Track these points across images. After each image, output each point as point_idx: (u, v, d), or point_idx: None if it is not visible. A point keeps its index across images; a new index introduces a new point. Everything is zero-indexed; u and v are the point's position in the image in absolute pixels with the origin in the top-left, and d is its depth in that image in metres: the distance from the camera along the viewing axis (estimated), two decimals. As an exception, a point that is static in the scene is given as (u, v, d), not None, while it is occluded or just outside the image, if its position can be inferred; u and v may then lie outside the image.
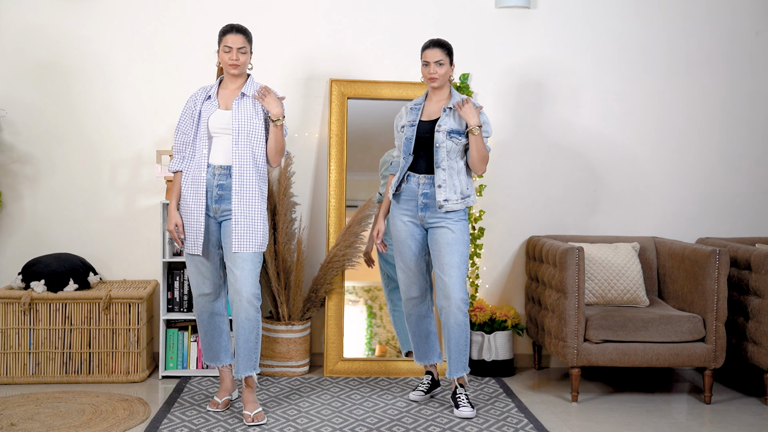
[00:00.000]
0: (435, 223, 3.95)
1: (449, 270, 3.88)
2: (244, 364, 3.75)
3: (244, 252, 3.71)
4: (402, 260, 4.06)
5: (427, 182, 3.95)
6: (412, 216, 4.00)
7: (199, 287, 3.87)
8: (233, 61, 3.74)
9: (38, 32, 4.67)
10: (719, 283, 4.10)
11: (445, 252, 3.90)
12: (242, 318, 3.71)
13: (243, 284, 3.69)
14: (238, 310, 3.71)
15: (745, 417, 3.99)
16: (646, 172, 4.93)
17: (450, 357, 3.95)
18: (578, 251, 4.11)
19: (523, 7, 4.82)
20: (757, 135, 4.98)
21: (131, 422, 3.74)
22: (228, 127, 3.75)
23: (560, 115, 4.88)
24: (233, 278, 3.72)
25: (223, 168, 3.76)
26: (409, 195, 3.99)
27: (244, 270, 3.70)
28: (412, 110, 4.04)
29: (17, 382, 4.34)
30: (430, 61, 3.94)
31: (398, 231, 4.03)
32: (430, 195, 3.94)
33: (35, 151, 4.69)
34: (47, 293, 4.34)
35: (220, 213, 3.79)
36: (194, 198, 3.75)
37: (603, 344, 4.12)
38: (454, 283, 3.87)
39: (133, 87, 4.72)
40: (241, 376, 3.76)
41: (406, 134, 3.98)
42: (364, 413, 3.91)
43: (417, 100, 4.07)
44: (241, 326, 3.72)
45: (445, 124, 3.92)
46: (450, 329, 3.91)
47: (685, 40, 4.92)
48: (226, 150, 3.76)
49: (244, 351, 3.74)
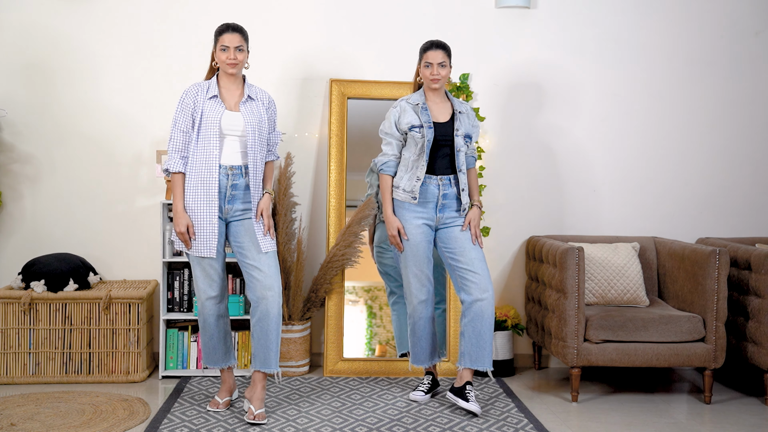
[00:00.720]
0: (450, 222, 4.01)
1: (479, 264, 3.96)
2: (273, 359, 3.78)
3: (271, 251, 3.78)
4: (417, 264, 4.04)
5: (446, 183, 3.98)
6: (429, 218, 4.01)
7: (206, 291, 3.82)
8: (231, 60, 3.73)
9: (38, 32, 4.67)
10: (719, 283, 4.10)
11: (469, 247, 3.97)
12: (275, 313, 3.74)
13: (275, 280, 3.75)
14: (271, 305, 3.73)
15: (745, 417, 3.99)
16: (647, 172, 4.93)
17: (483, 349, 3.93)
18: (578, 251, 4.11)
19: (523, 7, 4.82)
20: (757, 135, 4.98)
21: (131, 422, 3.74)
22: (239, 129, 3.75)
23: (560, 114, 4.89)
24: (262, 276, 3.74)
25: (235, 168, 3.76)
26: (428, 197, 3.99)
27: (272, 267, 3.77)
28: (422, 110, 4.00)
29: (17, 382, 4.34)
30: (433, 63, 3.95)
31: (413, 235, 4.01)
32: (449, 196, 3.98)
33: (35, 151, 4.70)
34: (47, 293, 4.34)
35: (231, 214, 3.79)
36: (206, 199, 3.72)
37: (603, 344, 4.12)
38: (487, 276, 3.96)
39: (134, 87, 4.72)
40: (269, 371, 3.78)
41: (426, 136, 3.95)
42: (364, 413, 3.91)
43: (416, 99, 4.04)
44: (272, 322, 3.74)
45: (461, 128, 3.99)
46: (485, 322, 3.93)
47: (685, 40, 4.92)
48: (236, 151, 3.76)
49: (274, 346, 3.77)
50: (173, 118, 3.77)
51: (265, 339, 3.75)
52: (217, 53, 3.76)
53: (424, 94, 4.07)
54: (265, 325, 3.75)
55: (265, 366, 3.77)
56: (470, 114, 4.09)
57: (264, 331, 3.75)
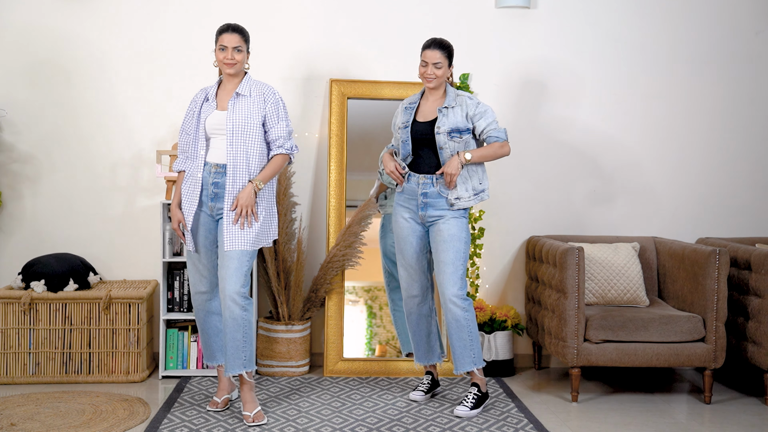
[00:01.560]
0: (435, 219, 3.97)
1: (443, 267, 3.92)
2: (231, 363, 3.75)
3: (232, 250, 3.71)
4: (403, 257, 4.07)
5: (426, 182, 3.95)
6: (414, 214, 4.01)
7: (195, 285, 3.89)
8: (228, 60, 3.76)
9: (38, 32, 4.67)
10: (719, 283, 4.10)
11: (441, 249, 3.93)
12: (226, 316, 3.72)
13: (227, 282, 3.69)
14: (223, 308, 3.72)
15: (745, 417, 3.99)
16: (646, 172, 4.93)
17: (453, 353, 3.96)
18: (578, 251, 4.11)
19: (523, 7, 4.82)
20: (757, 135, 4.98)
21: (131, 422, 3.74)
22: (223, 127, 3.77)
23: (560, 114, 4.88)
24: (220, 276, 3.73)
25: (219, 166, 3.77)
26: (410, 194, 4.00)
27: (229, 268, 3.70)
28: (405, 110, 4.04)
29: (17, 382, 4.34)
30: (429, 62, 3.94)
31: (400, 228, 4.05)
32: (430, 195, 3.95)
33: (35, 151, 4.70)
34: (47, 293, 4.34)
35: (216, 211, 3.80)
36: (190, 196, 3.80)
37: (603, 344, 4.12)
38: (446, 279, 3.91)
39: (134, 87, 4.72)
40: (228, 374, 3.78)
41: (402, 137, 3.99)
42: (364, 413, 3.91)
43: (412, 99, 4.07)
44: (227, 324, 3.73)
45: (443, 125, 3.92)
46: (448, 324, 3.95)
47: (685, 40, 4.92)
48: (222, 149, 3.78)
49: (230, 349, 3.74)
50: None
51: (226, 341, 3.74)
52: (216, 53, 3.79)
53: (424, 92, 4.07)
54: (223, 328, 3.75)
55: (225, 369, 3.78)
56: (466, 104, 3.94)
57: (225, 333, 3.74)
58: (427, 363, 4.20)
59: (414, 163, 4.00)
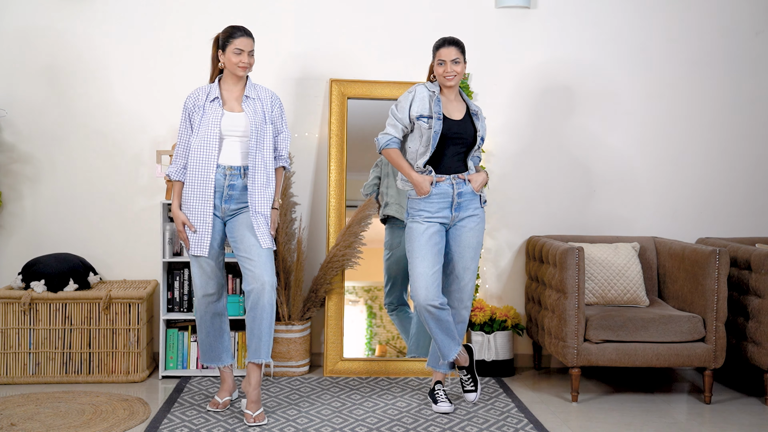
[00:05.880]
0: (462, 219, 3.91)
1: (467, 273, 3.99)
2: (266, 349, 3.77)
3: (268, 248, 3.77)
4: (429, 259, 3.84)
5: (460, 181, 3.88)
6: (443, 217, 3.89)
7: (203, 288, 3.86)
8: (244, 63, 3.77)
9: (38, 32, 4.67)
10: (719, 283, 4.11)
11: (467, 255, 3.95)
12: (265, 303, 3.72)
13: (266, 273, 3.73)
14: (262, 295, 3.71)
15: (745, 417, 3.99)
16: (646, 172, 4.94)
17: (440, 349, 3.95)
18: (578, 251, 4.11)
19: (523, 7, 4.82)
20: (757, 135, 4.98)
21: (131, 422, 3.74)
22: (239, 130, 3.77)
23: (560, 114, 4.89)
24: (253, 267, 3.74)
25: (234, 168, 3.78)
26: (442, 195, 3.87)
27: (266, 262, 3.76)
28: (436, 100, 3.86)
29: (17, 382, 4.34)
30: (447, 60, 3.83)
31: (422, 233, 3.86)
32: (463, 194, 3.89)
33: (35, 151, 4.70)
34: (47, 293, 4.34)
35: (228, 213, 3.80)
36: (202, 198, 3.75)
37: (603, 344, 4.12)
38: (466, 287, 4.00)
39: (133, 87, 4.72)
40: (261, 360, 3.77)
41: (434, 127, 3.80)
42: (364, 413, 3.91)
43: (433, 87, 3.90)
44: (265, 312, 3.73)
45: (481, 130, 3.92)
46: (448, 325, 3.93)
47: (685, 40, 4.92)
48: (236, 151, 3.78)
49: (266, 336, 3.76)
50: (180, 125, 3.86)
51: (258, 329, 3.75)
52: (228, 55, 3.76)
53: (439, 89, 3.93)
54: (257, 315, 3.75)
55: (256, 356, 3.77)
56: (482, 116, 3.99)
57: (255, 321, 3.75)
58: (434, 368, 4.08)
59: (442, 164, 3.87)
